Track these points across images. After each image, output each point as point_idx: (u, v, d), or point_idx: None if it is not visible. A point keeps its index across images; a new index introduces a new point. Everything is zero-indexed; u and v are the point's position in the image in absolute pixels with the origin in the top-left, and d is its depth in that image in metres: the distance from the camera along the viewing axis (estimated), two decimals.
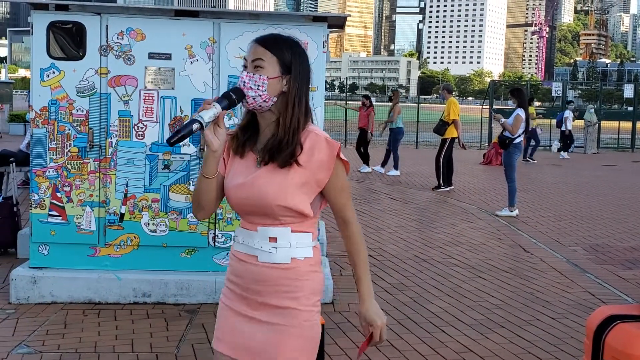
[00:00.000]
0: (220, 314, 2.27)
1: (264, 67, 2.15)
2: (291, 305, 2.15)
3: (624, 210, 10.62)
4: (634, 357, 2.29)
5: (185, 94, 5.43)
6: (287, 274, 2.16)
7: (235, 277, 2.22)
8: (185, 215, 5.49)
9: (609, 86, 59.66)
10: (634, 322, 2.39)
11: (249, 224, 2.19)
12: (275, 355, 2.14)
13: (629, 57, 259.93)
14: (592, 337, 2.48)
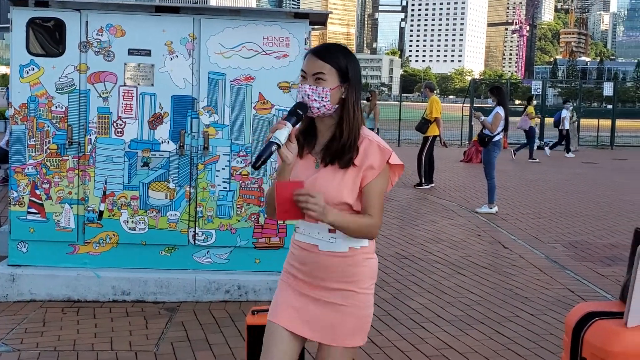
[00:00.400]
0: (281, 294, 2.54)
1: (325, 79, 2.36)
2: (350, 288, 2.43)
3: (603, 208, 10.72)
4: (613, 353, 2.31)
5: (165, 90, 5.39)
6: (346, 261, 2.43)
7: (299, 264, 2.50)
8: (164, 213, 5.45)
9: (588, 84, 60.28)
10: (613, 319, 2.41)
11: (310, 217, 2.34)
12: (333, 331, 2.43)
13: (608, 55, 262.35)
14: (571, 334, 2.50)
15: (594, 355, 2.35)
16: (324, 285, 2.44)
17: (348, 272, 2.43)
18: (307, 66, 2.39)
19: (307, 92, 2.36)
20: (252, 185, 5.47)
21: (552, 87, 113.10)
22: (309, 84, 2.37)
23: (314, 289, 2.46)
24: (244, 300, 5.41)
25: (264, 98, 5.42)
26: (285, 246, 5.50)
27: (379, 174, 2.40)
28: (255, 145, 5.43)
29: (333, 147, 2.39)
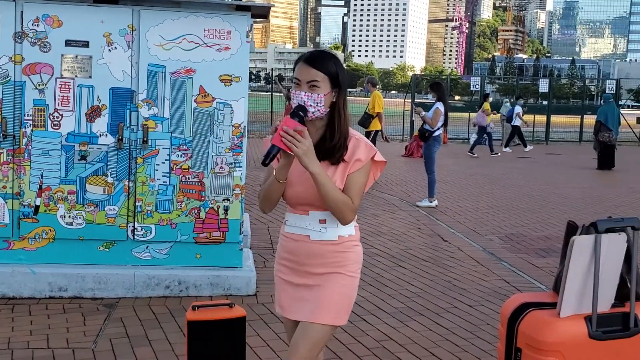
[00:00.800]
0: (277, 287, 2.77)
1: (319, 86, 2.55)
2: (338, 271, 2.62)
3: (538, 201, 11.02)
4: (546, 343, 2.38)
5: (103, 82, 5.29)
6: (335, 248, 2.62)
7: (289, 254, 2.69)
8: (102, 208, 5.35)
9: (525, 81, 61.60)
10: (546, 310, 2.48)
11: (301, 210, 2.63)
12: (319, 309, 2.58)
13: (544, 52, 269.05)
14: (506, 324, 2.56)
15: (528, 345, 2.42)
16: (314, 271, 2.63)
17: (337, 257, 2.63)
18: (301, 74, 2.56)
19: (303, 99, 2.53)
20: (193, 179, 5.41)
21: (490, 83, 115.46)
22: (304, 91, 2.54)
23: (304, 276, 2.65)
24: (185, 296, 5.36)
25: (205, 91, 5.37)
26: (227, 241, 5.48)
27: (362, 166, 2.59)
28: (196, 138, 5.37)
29: (324, 147, 2.57)
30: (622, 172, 16.12)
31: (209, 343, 3.49)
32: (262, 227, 8.05)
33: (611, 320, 2.44)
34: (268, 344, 4.46)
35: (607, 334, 2.41)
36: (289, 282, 2.71)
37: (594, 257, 2.38)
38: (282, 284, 2.75)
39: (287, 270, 2.72)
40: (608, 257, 2.41)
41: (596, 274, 2.37)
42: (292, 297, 2.69)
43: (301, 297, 2.66)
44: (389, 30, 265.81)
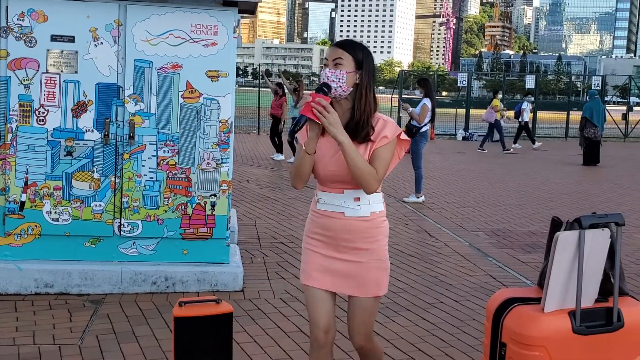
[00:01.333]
0: (309, 259, 2.93)
1: (342, 64, 2.75)
2: (371, 247, 2.86)
3: (524, 197, 11.08)
4: (530, 337, 2.40)
5: (89, 78, 5.26)
6: (368, 224, 2.85)
7: (323, 230, 2.88)
8: (89, 204, 5.33)
9: (512, 77, 61.84)
10: (531, 305, 2.50)
11: (335, 188, 2.84)
12: (360, 284, 2.86)
13: (531, 48, 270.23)
14: (491, 319, 2.58)
15: (513, 340, 2.44)
16: (349, 246, 2.85)
17: (369, 233, 2.85)
18: (329, 54, 2.80)
19: (327, 75, 2.74)
20: (180, 175, 5.40)
21: (477, 79, 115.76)
22: (329, 68, 2.75)
23: (340, 250, 2.86)
24: (172, 292, 5.35)
25: (191, 86, 5.36)
26: (214, 237, 5.47)
27: (389, 142, 2.79)
28: (183, 134, 5.36)
29: (351, 126, 2.76)
30: (608, 167, 16.23)
31: (196, 339, 3.49)
32: (249, 223, 8.05)
33: (595, 315, 2.46)
34: (255, 339, 4.46)
35: (590, 328, 2.43)
36: (322, 254, 2.90)
37: (578, 252, 2.40)
38: (314, 257, 2.92)
39: (321, 244, 2.90)
40: (592, 253, 2.43)
41: (580, 269, 2.40)
42: (326, 269, 2.89)
43: (338, 271, 2.87)
44: (376, 26, 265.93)
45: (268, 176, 12.50)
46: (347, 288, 2.90)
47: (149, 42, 5.30)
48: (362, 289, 2.88)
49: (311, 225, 2.96)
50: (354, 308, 2.93)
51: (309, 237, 2.96)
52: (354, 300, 2.92)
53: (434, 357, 4.28)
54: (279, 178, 12.28)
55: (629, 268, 6.61)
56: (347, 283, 2.89)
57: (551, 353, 2.37)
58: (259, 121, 23.52)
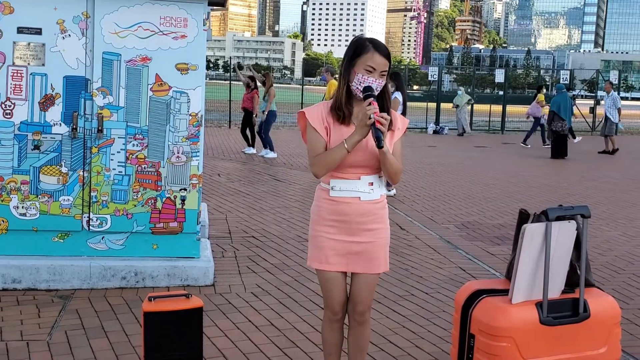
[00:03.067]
0: (323, 245, 3.10)
1: (385, 75, 3.04)
2: (380, 227, 3.12)
3: (493, 190, 11.19)
4: (497, 328, 2.43)
5: (56, 70, 5.19)
6: (379, 205, 3.11)
7: (339, 216, 3.06)
8: (57, 198, 5.26)
9: (482, 71, 62.21)
10: (498, 296, 2.53)
11: (352, 174, 3.03)
12: (372, 262, 3.11)
13: (501, 43, 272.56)
14: (460, 311, 2.61)
15: (481, 331, 2.46)
16: (363, 227, 3.06)
17: (379, 214, 3.10)
18: (378, 64, 2.99)
19: (373, 84, 2.97)
20: (149, 169, 5.36)
21: (448, 73, 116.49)
22: (375, 77, 2.98)
23: (353, 233, 3.06)
24: (142, 287, 5.31)
25: (161, 79, 5.31)
26: (184, 231, 5.44)
27: (402, 135, 3.14)
28: (152, 127, 5.31)
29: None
30: (576, 161, 16.46)
31: (166, 334, 3.47)
32: (220, 217, 8.02)
33: (561, 306, 2.50)
34: (226, 334, 4.45)
35: (557, 319, 2.47)
36: (339, 240, 3.08)
37: (545, 244, 2.43)
38: (329, 243, 3.09)
39: (336, 230, 3.08)
40: (558, 245, 2.47)
41: (546, 261, 2.43)
42: (342, 253, 3.09)
43: (354, 252, 3.09)
44: (347, 20, 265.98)
45: (239, 170, 12.45)
46: (359, 267, 3.12)
47: (117, 35, 5.23)
48: (373, 266, 3.13)
49: (324, 212, 3.10)
50: (363, 284, 3.16)
51: (321, 224, 3.11)
52: (362, 277, 3.16)
53: (405, 349, 4.31)
54: (250, 172, 12.24)
55: (596, 259, 6.72)
56: (359, 262, 3.11)
57: (519, 344, 2.40)
58: (230, 114, 23.40)
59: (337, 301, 3.20)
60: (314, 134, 3.03)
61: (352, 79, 3.02)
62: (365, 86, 2.95)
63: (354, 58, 3.04)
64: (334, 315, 3.23)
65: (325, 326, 3.32)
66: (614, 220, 8.80)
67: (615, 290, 5.73)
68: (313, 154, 3.02)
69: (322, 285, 3.22)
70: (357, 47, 3.06)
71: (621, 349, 4.19)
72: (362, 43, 3.06)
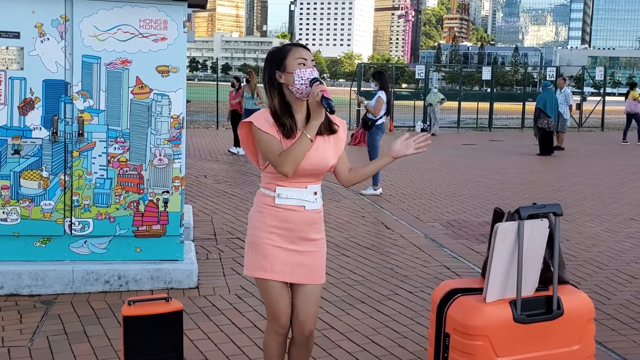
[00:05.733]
0: (268, 253, 2.99)
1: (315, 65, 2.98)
2: (319, 237, 3.10)
3: (479, 187, 11.22)
4: (472, 327, 2.43)
5: (35, 74, 5.17)
6: (319, 215, 3.08)
7: (283, 223, 2.99)
8: (38, 203, 5.24)
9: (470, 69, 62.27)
10: (473, 295, 2.53)
11: (299, 183, 2.97)
12: (314, 272, 3.06)
13: (488, 40, 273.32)
14: (435, 310, 2.61)
15: (456, 330, 2.47)
16: (305, 237, 3.01)
17: (319, 223, 3.09)
18: (306, 55, 2.96)
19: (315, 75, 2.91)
20: (131, 172, 5.34)
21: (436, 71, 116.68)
22: (310, 68, 2.93)
23: (295, 241, 3.00)
24: (125, 290, 5.29)
25: (141, 82, 5.29)
26: (167, 234, 5.43)
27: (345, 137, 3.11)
28: (134, 130, 5.29)
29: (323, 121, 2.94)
30: (561, 157, 16.54)
31: (146, 338, 3.46)
32: (205, 219, 8.00)
33: (535, 304, 2.51)
34: (209, 336, 4.44)
35: (531, 317, 2.48)
36: (282, 248, 2.99)
37: (517, 243, 2.44)
38: (273, 250, 3.00)
39: (280, 238, 2.99)
40: (531, 243, 2.47)
41: (520, 259, 2.44)
42: (285, 261, 3.00)
43: (297, 262, 3.01)
44: (335, 19, 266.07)
45: (226, 171, 12.43)
46: (303, 277, 3.04)
47: (97, 38, 5.21)
48: (315, 276, 3.07)
49: (268, 219, 2.99)
50: (308, 296, 3.07)
51: (266, 232, 3.00)
52: (306, 289, 3.07)
53: (388, 348, 4.32)
54: (237, 172, 12.22)
55: (579, 255, 6.75)
56: (302, 272, 3.03)
57: (493, 342, 2.41)
58: (217, 115, 23.36)
59: (285, 313, 3.06)
60: (266, 136, 2.90)
61: (290, 81, 2.91)
62: (312, 78, 2.88)
63: (281, 63, 2.95)
64: (282, 329, 3.09)
65: (272, 340, 3.14)
66: (598, 217, 8.85)
67: (598, 285, 5.76)
68: (275, 154, 2.88)
69: (267, 297, 3.06)
70: (277, 54, 2.99)
71: (596, 344, 4.23)
72: (280, 48, 3.01)
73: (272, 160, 2.90)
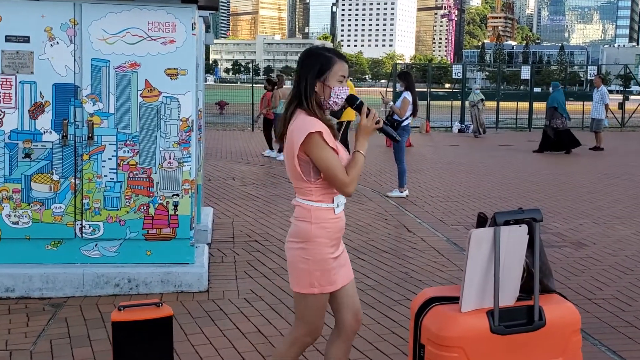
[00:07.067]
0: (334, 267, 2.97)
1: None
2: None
3: (510, 189, 10.96)
4: (447, 338, 2.32)
5: (45, 78, 5.20)
6: None
7: (340, 232, 3.01)
8: (49, 206, 5.27)
9: (515, 68, 61.18)
10: (449, 304, 2.41)
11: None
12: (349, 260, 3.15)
13: (534, 39, 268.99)
14: (413, 320, 2.50)
15: (431, 341, 2.35)
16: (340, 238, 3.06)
17: None
18: (346, 71, 2.95)
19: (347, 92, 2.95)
20: (141, 175, 5.33)
21: (480, 70, 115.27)
22: (345, 86, 2.96)
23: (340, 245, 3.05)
24: (135, 294, 5.29)
25: (150, 85, 5.28)
26: (177, 237, 5.40)
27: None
28: (143, 133, 5.28)
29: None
30: (599, 157, 16.10)
31: (135, 344, 3.42)
32: (226, 221, 7.98)
33: (515, 314, 2.37)
34: (211, 341, 4.39)
35: (510, 328, 2.35)
36: (336, 256, 2.99)
37: (494, 250, 2.31)
38: (336, 262, 2.99)
39: (335, 248, 3.00)
40: (509, 250, 2.35)
41: (496, 267, 2.31)
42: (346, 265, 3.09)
43: (342, 265, 3.03)
44: (377, 19, 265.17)
45: (254, 173, 12.41)
46: (346, 276, 3.08)
47: (105, 41, 5.22)
48: (350, 271, 3.12)
49: (331, 232, 2.94)
50: (353, 288, 3.11)
51: (329, 246, 2.95)
52: (349, 284, 3.09)
53: (390, 355, 4.21)
54: (266, 175, 12.20)
55: (604, 260, 6.51)
56: (345, 272, 3.07)
57: (469, 354, 2.28)
58: (252, 118, 23.42)
59: (322, 325, 3.12)
60: (332, 153, 2.86)
61: (326, 95, 2.90)
62: (349, 95, 2.90)
63: (322, 73, 2.91)
64: (314, 341, 3.15)
65: (297, 352, 3.12)
66: (629, 219, 8.54)
67: (620, 291, 5.54)
68: (342, 172, 2.86)
69: (316, 311, 3.01)
70: (323, 61, 2.92)
71: (609, 353, 4.05)
72: (326, 56, 2.94)
73: (339, 179, 2.85)
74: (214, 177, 11.51)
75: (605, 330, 4.64)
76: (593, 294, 5.49)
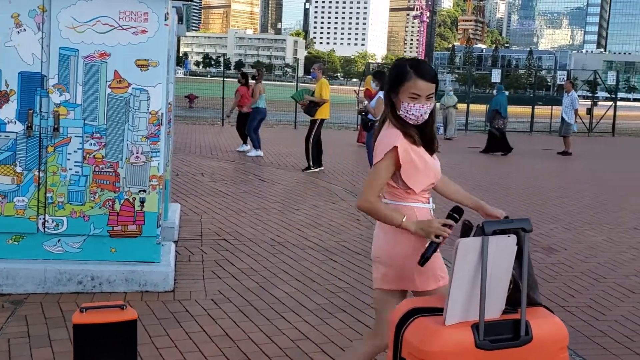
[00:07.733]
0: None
1: (432, 97, 2.92)
2: None
3: (481, 193, 10.90)
4: (430, 353, 2.20)
5: (11, 66, 4.98)
6: None
7: None
8: (11, 199, 5.05)
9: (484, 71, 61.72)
10: (433, 317, 2.30)
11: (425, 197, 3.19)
12: None
13: (503, 42, 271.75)
14: (393, 332, 2.38)
15: (411, 355, 2.24)
16: None
17: None
18: (422, 90, 2.86)
19: (425, 110, 2.90)
20: (107, 169, 5.14)
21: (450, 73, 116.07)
22: (421, 104, 2.88)
23: None
24: (98, 292, 5.10)
25: (120, 76, 5.09)
26: (143, 234, 5.22)
27: None
28: (111, 126, 5.09)
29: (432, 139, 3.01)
30: (568, 162, 16.22)
31: (97, 347, 3.26)
32: (194, 219, 7.80)
33: (501, 328, 2.27)
34: (176, 344, 4.22)
35: (495, 342, 2.24)
36: None
37: (481, 261, 2.21)
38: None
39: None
40: (497, 261, 2.25)
41: (483, 279, 2.21)
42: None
43: None
44: (350, 18, 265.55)
45: (224, 169, 12.22)
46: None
47: (75, 30, 5.02)
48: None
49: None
50: None
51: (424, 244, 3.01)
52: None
53: None
54: (235, 171, 12.02)
55: (576, 266, 6.49)
56: None
57: None
58: (223, 112, 23.15)
59: None
60: (383, 169, 2.92)
61: (398, 107, 2.91)
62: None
63: (396, 86, 2.89)
64: None
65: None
66: (599, 225, 8.56)
67: (593, 300, 5.51)
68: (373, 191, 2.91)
69: None
70: (398, 74, 2.90)
71: None
72: (403, 69, 2.88)
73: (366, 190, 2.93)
74: (182, 172, 11.29)
75: (579, 339, 4.58)
76: (566, 301, 5.45)
